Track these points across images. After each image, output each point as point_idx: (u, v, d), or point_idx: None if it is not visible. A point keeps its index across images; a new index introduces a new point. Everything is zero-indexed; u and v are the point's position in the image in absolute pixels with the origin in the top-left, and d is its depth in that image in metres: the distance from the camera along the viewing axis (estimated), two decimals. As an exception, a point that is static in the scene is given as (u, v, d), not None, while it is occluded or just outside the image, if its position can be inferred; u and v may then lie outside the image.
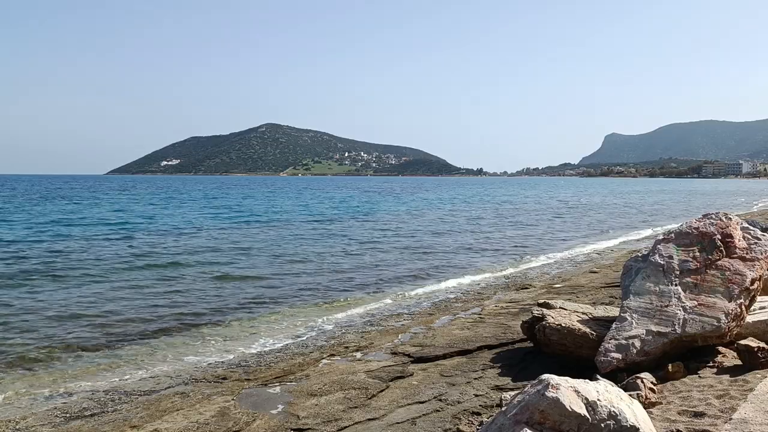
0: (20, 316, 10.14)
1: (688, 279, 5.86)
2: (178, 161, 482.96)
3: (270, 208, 42.38)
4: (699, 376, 5.14)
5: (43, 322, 9.83)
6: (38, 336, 9.05)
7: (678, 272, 5.94)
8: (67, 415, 6.16)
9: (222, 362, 7.94)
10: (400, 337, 8.70)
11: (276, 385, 6.70)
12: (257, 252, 18.71)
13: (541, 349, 6.61)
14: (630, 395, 4.09)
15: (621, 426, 3.40)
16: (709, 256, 5.99)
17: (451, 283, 13.83)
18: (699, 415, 4.21)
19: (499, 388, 5.91)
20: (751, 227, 6.32)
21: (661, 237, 6.51)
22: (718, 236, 6.11)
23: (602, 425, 3.38)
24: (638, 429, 3.43)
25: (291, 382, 6.79)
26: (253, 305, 11.38)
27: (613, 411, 3.43)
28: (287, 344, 8.75)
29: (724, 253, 5.99)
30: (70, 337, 9.03)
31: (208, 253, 18.49)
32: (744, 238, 6.12)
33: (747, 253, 5.94)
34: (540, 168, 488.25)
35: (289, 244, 21.19)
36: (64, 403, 6.53)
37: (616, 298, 9.24)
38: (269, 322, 10.12)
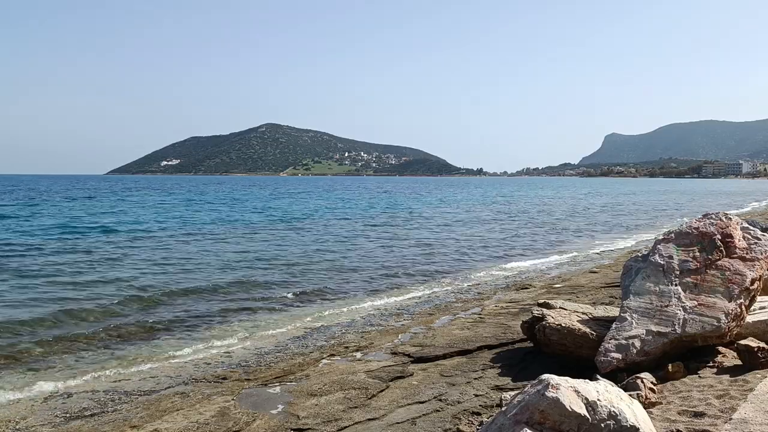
0: (20, 316, 10.13)
1: (688, 279, 5.86)
2: (178, 161, 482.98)
3: (274, 210, 42.32)
4: (699, 376, 5.14)
5: (44, 321, 9.83)
6: (38, 336, 9.06)
7: (678, 272, 5.93)
8: (67, 415, 6.16)
9: (222, 362, 7.94)
10: (400, 337, 8.70)
11: (276, 385, 6.70)
12: (258, 252, 18.70)
13: (541, 349, 6.61)
14: (630, 395, 4.09)
15: (621, 426, 3.40)
16: (709, 256, 5.98)
17: (452, 283, 13.83)
18: (699, 415, 4.21)
19: (499, 388, 5.91)
20: (751, 227, 6.31)
21: (661, 237, 6.52)
22: (718, 236, 6.11)
23: (602, 425, 3.38)
24: (638, 429, 3.43)
25: (291, 382, 6.78)
26: (254, 305, 11.40)
27: (613, 411, 3.43)
28: (287, 344, 8.75)
29: (724, 253, 5.99)
30: (71, 337, 9.04)
31: (210, 253, 18.50)
32: (744, 238, 6.12)
33: (747, 253, 5.94)
34: (540, 168, 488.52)
35: (290, 244, 21.19)
36: (64, 403, 6.53)
37: (616, 298, 9.24)
38: (269, 322, 10.12)
